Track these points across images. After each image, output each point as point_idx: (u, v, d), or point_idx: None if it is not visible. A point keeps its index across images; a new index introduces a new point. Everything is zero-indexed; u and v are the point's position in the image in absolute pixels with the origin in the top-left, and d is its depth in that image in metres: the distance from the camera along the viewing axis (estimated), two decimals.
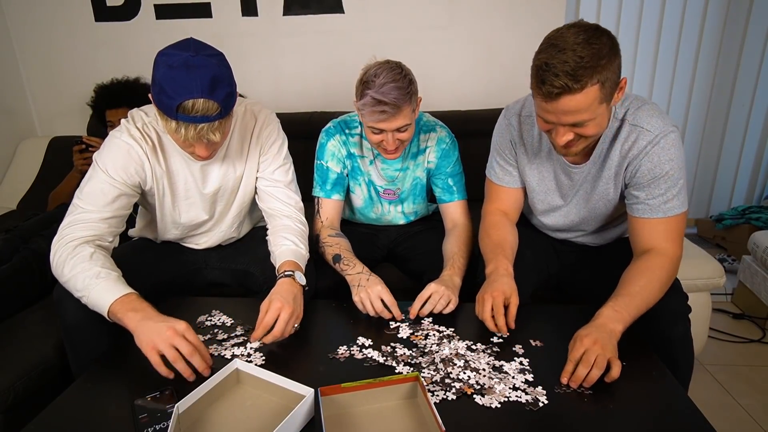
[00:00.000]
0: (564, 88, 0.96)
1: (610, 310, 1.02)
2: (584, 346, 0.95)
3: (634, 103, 1.14)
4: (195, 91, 1.00)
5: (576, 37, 0.96)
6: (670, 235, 1.13)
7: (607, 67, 0.96)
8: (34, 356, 1.28)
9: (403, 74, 1.29)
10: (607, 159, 1.17)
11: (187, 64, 1.00)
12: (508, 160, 1.33)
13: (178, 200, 1.30)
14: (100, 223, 1.14)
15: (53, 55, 2.40)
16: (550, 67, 0.96)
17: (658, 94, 2.74)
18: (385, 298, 1.18)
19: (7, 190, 2.30)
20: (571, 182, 1.26)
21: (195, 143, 1.09)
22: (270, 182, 1.34)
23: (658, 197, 1.12)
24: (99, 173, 1.16)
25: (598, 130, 1.06)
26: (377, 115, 1.27)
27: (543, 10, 2.22)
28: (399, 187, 1.55)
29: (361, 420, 0.88)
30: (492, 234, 1.30)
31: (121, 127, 1.20)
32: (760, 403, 1.64)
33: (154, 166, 1.21)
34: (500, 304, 1.09)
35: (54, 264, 1.10)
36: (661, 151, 1.10)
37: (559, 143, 1.07)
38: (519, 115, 1.29)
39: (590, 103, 0.98)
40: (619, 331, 1.00)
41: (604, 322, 1.00)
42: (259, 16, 2.29)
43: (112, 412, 0.90)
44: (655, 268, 1.10)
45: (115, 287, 1.04)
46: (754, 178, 2.86)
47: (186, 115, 1.02)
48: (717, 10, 2.58)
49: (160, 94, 1.02)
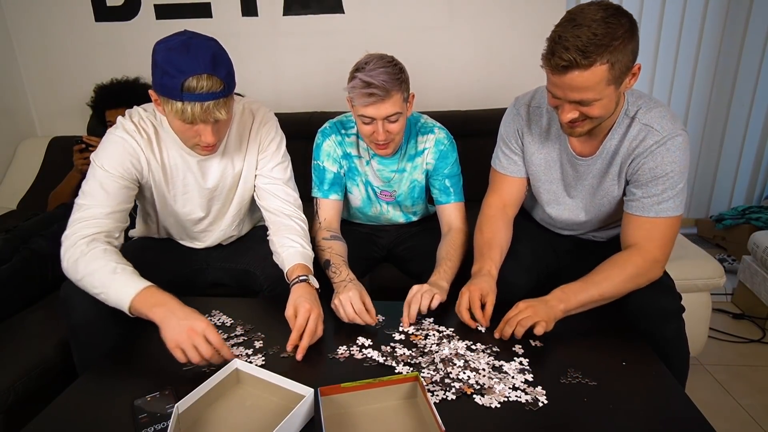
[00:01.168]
0: (571, 63, 0.96)
1: (559, 291, 1.11)
2: (518, 308, 1.08)
3: (648, 104, 1.14)
4: (198, 68, 1.01)
5: (595, 14, 0.96)
6: (654, 236, 1.13)
7: (620, 49, 0.97)
8: (35, 356, 1.28)
9: (393, 63, 1.30)
10: (615, 155, 1.18)
11: (186, 44, 1.02)
12: (514, 149, 1.34)
13: (176, 194, 1.30)
14: (105, 218, 1.14)
15: (53, 55, 2.40)
16: (562, 40, 0.97)
17: (658, 94, 2.74)
18: (354, 303, 1.14)
19: (7, 190, 2.30)
20: (576, 174, 1.26)
21: (201, 126, 1.09)
22: (269, 179, 1.34)
23: (653, 197, 1.12)
24: (96, 170, 1.17)
25: (603, 112, 1.06)
26: (366, 98, 1.27)
27: (543, 9, 2.22)
28: (395, 189, 1.54)
29: (360, 420, 0.88)
30: (485, 231, 1.31)
31: (117, 124, 1.21)
32: (760, 403, 1.64)
33: (149, 158, 1.22)
34: (476, 298, 1.13)
35: (66, 264, 1.10)
36: (666, 152, 1.10)
37: (564, 120, 1.08)
38: (528, 106, 1.30)
39: (597, 81, 0.98)
40: (559, 309, 1.07)
41: (549, 298, 1.09)
42: (259, 16, 2.29)
43: (112, 412, 0.90)
44: (626, 264, 1.12)
45: (132, 282, 1.04)
46: (754, 178, 2.86)
47: (192, 93, 1.02)
48: (717, 10, 2.58)
49: (162, 77, 1.02)
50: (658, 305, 1.12)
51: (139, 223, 1.44)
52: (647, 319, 1.11)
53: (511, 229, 1.34)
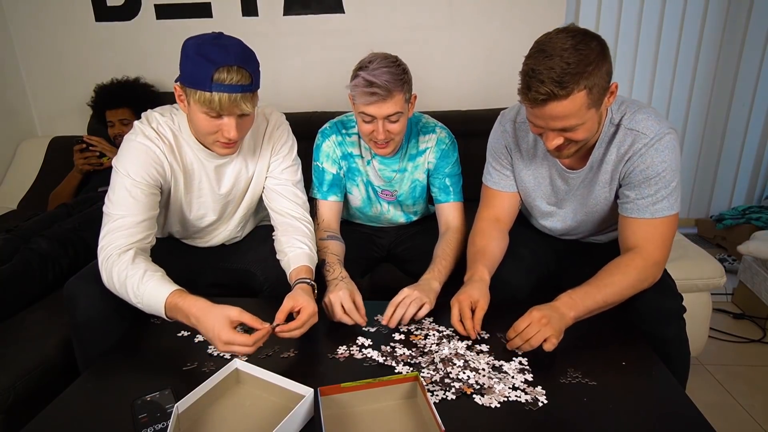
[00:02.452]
0: (549, 95, 0.96)
1: (567, 297, 1.07)
2: (531, 318, 1.01)
3: (631, 108, 1.14)
4: (229, 59, 1.03)
5: (564, 42, 0.96)
6: (653, 237, 1.12)
7: (595, 73, 0.96)
8: (35, 356, 1.28)
9: (397, 63, 1.30)
10: (603, 163, 1.18)
11: (217, 40, 1.06)
12: (504, 165, 1.33)
13: (191, 198, 1.30)
14: (136, 227, 1.13)
15: (53, 55, 2.40)
16: (536, 74, 0.96)
17: (658, 94, 2.74)
18: (344, 303, 1.14)
19: (7, 190, 2.30)
20: (568, 186, 1.26)
21: (226, 119, 1.10)
22: (279, 181, 1.35)
23: (648, 198, 1.12)
24: (122, 178, 1.15)
25: (587, 134, 1.06)
26: (368, 97, 1.26)
27: (543, 10, 2.22)
28: (396, 189, 1.54)
29: (360, 420, 0.88)
30: (477, 241, 1.30)
31: (135, 129, 1.20)
32: (760, 403, 1.64)
33: (172, 163, 1.22)
34: (466, 308, 1.10)
35: (105, 278, 1.10)
36: (656, 153, 1.10)
37: (549, 147, 1.08)
38: (514, 122, 1.29)
39: (577, 108, 0.98)
40: (570, 317, 1.04)
41: (558, 305, 1.05)
42: (259, 16, 2.29)
43: (112, 411, 0.90)
44: (629, 268, 1.10)
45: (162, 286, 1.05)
46: (754, 178, 2.86)
47: (221, 84, 1.03)
48: (717, 10, 2.58)
49: (193, 67, 1.04)
50: (660, 306, 1.12)
51: None
52: (649, 320, 1.11)
53: (505, 240, 1.33)
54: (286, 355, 1.06)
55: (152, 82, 2.21)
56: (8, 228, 1.66)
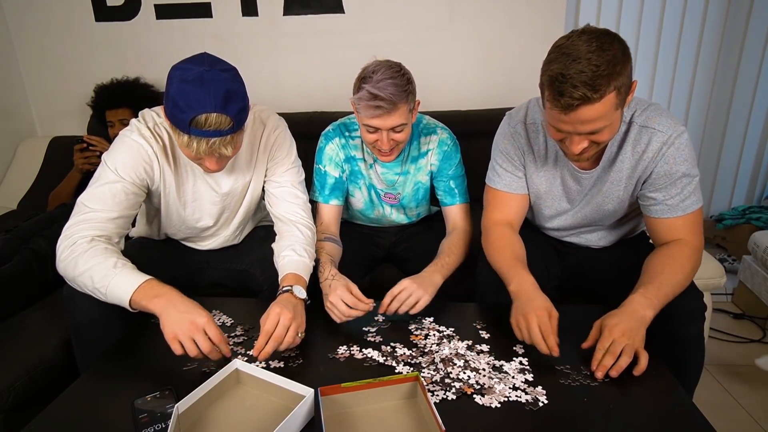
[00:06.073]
0: (584, 99, 0.93)
1: (641, 297, 1.02)
2: (612, 335, 0.95)
3: (640, 105, 1.14)
4: (208, 106, 1.00)
5: (588, 44, 0.94)
6: (691, 228, 1.14)
7: (622, 73, 0.95)
8: (35, 356, 1.28)
9: (401, 73, 1.28)
10: (616, 161, 1.17)
11: (201, 78, 1.00)
12: (517, 167, 1.30)
13: (185, 201, 1.30)
14: (108, 223, 1.12)
15: (53, 55, 2.40)
16: (566, 78, 0.93)
17: (658, 94, 2.74)
18: (346, 299, 1.14)
19: (7, 190, 2.30)
20: (580, 187, 1.26)
21: (205, 157, 1.09)
22: (278, 184, 1.34)
23: (676, 197, 1.13)
24: (108, 173, 1.15)
25: (612, 135, 1.05)
26: (372, 111, 1.26)
27: (543, 10, 2.22)
28: (399, 192, 1.54)
29: (361, 420, 0.88)
30: (503, 249, 1.24)
31: (132, 126, 1.19)
32: (760, 403, 1.64)
33: (163, 166, 1.21)
34: (547, 322, 1.01)
35: (63, 263, 1.08)
36: (677, 153, 1.10)
37: (575, 152, 1.05)
38: (524, 123, 1.26)
39: (607, 110, 0.97)
40: (649, 317, 1.00)
41: (636, 308, 1.00)
42: (259, 16, 2.29)
43: (112, 412, 0.90)
44: (680, 257, 1.11)
45: (133, 276, 1.03)
46: (754, 178, 2.86)
47: (198, 129, 1.01)
48: (717, 10, 2.57)
49: (173, 108, 1.02)
50: (683, 306, 1.10)
51: (140, 224, 1.43)
52: (671, 320, 1.08)
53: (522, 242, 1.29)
54: (286, 355, 1.06)
55: (152, 82, 2.20)
56: (8, 228, 1.66)
